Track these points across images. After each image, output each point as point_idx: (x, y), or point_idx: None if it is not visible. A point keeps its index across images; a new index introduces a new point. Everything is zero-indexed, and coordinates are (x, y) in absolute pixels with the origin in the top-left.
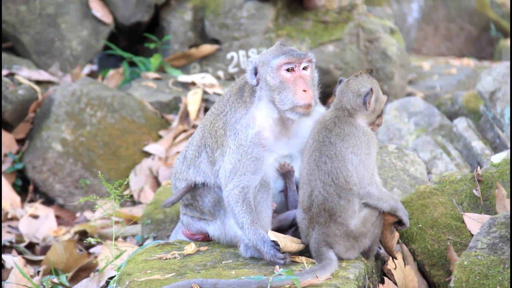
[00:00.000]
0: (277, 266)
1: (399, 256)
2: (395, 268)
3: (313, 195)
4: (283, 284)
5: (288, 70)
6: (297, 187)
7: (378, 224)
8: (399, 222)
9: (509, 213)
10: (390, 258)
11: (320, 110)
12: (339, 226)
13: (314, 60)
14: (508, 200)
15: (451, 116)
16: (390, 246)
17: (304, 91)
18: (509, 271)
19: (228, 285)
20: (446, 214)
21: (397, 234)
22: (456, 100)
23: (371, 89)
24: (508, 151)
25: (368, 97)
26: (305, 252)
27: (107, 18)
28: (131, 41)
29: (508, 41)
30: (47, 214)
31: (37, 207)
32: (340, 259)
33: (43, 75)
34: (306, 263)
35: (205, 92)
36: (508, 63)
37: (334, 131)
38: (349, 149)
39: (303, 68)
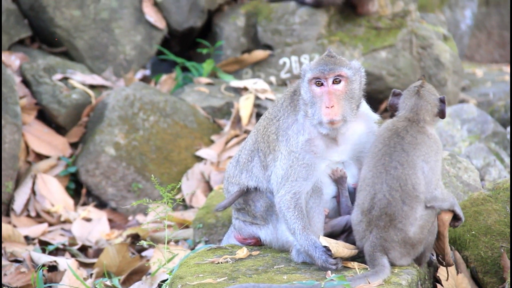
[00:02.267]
0: (329, 272)
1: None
2: (447, 279)
3: (376, 198)
4: None
5: (317, 84)
6: (350, 193)
7: (433, 231)
8: (455, 218)
9: None
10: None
11: (371, 115)
12: (398, 232)
13: (350, 72)
14: None
15: (505, 123)
16: (447, 251)
17: (327, 107)
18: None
19: None
20: (500, 221)
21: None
22: (510, 107)
23: (444, 97)
24: None
25: (445, 105)
26: (358, 258)
27: (160, 23)
28: (184, 47)
29: None
30: (100, 217)
31: (90, 210)
32: (393, 265)
33: (96, 80)
34: (358, 268)
35: (257, 98)
36: None
37: (406, 139)
38: (420, 158)
39: (335, 82)
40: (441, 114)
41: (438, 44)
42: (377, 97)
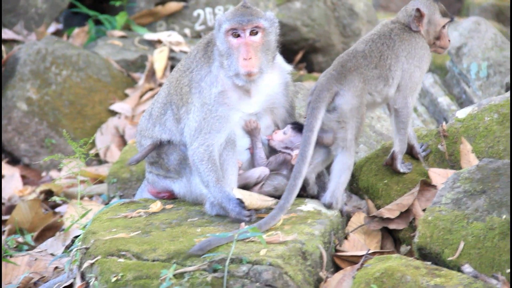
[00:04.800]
0: (243, 223)
1: (362, 214)
2: (357, 227)
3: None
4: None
5: (234, 35)
6: (263, 145)
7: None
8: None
9: (473, 167)
10: (355, 214)
11: (285, 67)
12: (359, 76)
13: (267, 24)
14: (473, 155)
15: None
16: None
17: (245, 59)
18: (476, 226)
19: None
20: (412, 170)
21: None
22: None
23: (418, 10)
24: (473, 106)
25: (413, 19)
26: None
27: None
28: None
29: None
30: (13, 173)
31: (3, 167)
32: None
33: (7, 34)
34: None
35: (171, 50)
36: (475, 18)
37: (393, 32)
38: (404, 52)
39: (252, 33)
40: (412, 27)
41: None
42: (292, 48)
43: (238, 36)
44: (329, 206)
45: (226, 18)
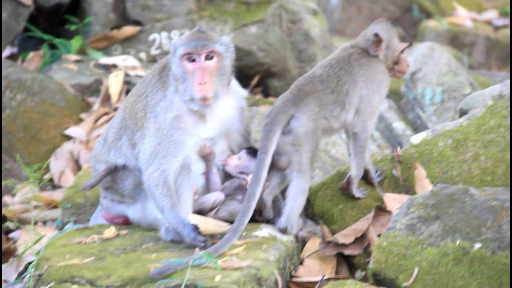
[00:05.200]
0: (197, 249)
1: (317, 239)
2: (312, 253)
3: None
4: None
5: (189, 60)
6: (218, 170)
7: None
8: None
9: (428, 193)
10: (310, 240)
11: (240, 92)
12: (315, 100)
13: (222, 49)
14: (428, 181)
15: None
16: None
17: (200, 84)
18: (431, 251)
19: None
20: (367, 195)
21: None
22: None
23: (376, 35)
24: (428, 131)
25: (372, 44)
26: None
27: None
28: (52, 23)
29: (430, 22)
30: None
31: None
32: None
33: None
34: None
35: (127, 75)
36: (429, 43)
37: (352, 56)
38: (362, 77)
39: (207, 58)
40: (372, 51)
41: (308, 19)
42: (248, 72)
43: (193, 60)
44: (284, 231)
45: (181, 42)
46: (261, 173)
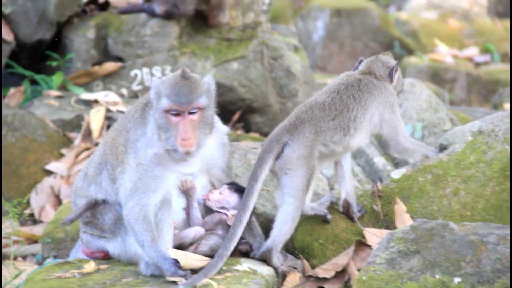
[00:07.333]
0: (180, 278)
1: (297, 274)
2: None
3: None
4: None
5: (173, 114)
6: (199, 205)
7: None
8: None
9: (408, 227)
10: (291, 274)
11: (222, 128)
12: (311, 127)
13: (206, 101)
14: (408, 215)
15: None
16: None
17: (183, 139)
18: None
19: None
20: (347, 229)
21: None
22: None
23: (397, 64)
24: (408, 166)
25: (394, 70)
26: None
27: (8, 36)
28: (33, 60)
29: (411, 58)
30: None
31: None
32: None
33: None
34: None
35: (108, 110)
36: (410, 79)
37: (361, 85)
38: (375, 103)
39: (190, 113)
40: (390, 78)
41: (289, 55)
42: (229, 108)
43: (177, 115)
44: (269, 252)
45: (166, 93)
46: (249, 200)
